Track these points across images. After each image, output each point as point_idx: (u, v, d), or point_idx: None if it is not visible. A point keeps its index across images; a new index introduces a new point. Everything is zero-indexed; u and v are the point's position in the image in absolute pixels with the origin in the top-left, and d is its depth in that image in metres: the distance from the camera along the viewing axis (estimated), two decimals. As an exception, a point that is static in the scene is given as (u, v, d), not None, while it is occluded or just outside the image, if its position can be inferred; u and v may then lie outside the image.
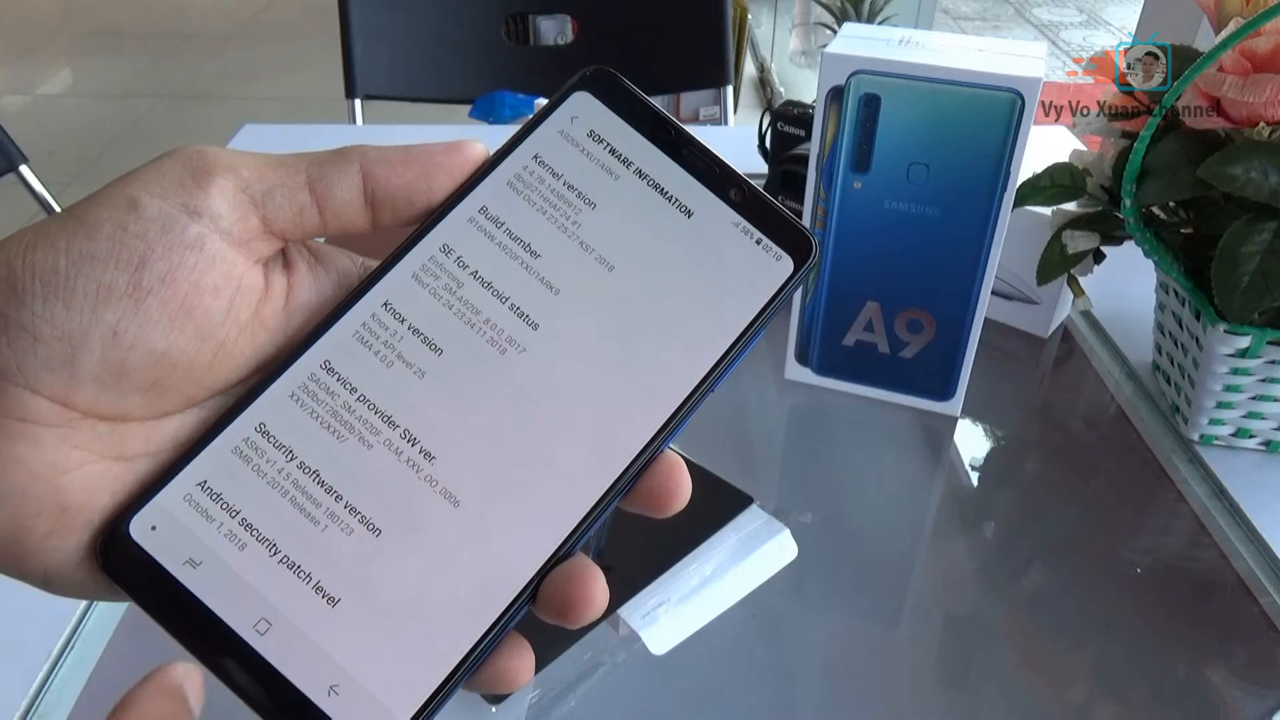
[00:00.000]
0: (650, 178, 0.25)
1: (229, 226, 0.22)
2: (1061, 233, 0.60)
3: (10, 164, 1.07)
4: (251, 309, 0.22)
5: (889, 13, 2.67)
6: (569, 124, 0.25)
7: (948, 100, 0.53)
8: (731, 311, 0.24)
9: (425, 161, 0.24)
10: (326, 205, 0.23)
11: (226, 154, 0.23)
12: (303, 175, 0.23)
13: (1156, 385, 0.65)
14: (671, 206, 0.25)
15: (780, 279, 0.25)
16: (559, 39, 1.73)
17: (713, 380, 0.24)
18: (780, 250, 0.25)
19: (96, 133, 2.73)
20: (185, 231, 0.21)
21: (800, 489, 0.60)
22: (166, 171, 0.22)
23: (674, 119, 0.25)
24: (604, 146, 0.25)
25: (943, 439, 0.63)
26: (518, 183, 0.25)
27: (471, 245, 0.24)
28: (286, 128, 0.98)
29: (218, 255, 0.21)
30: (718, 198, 0.25)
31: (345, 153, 0.23)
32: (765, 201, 0.25)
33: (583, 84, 0.25)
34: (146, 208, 0.21)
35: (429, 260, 0.24)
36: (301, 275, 0.24)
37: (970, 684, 0.49)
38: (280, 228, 0.23)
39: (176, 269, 0.21)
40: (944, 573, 0.55)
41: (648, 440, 0.23)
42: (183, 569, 0.21)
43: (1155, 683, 0.48)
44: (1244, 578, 0.52)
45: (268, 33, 3.53)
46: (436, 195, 0.24)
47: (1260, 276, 0.51)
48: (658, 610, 0.47)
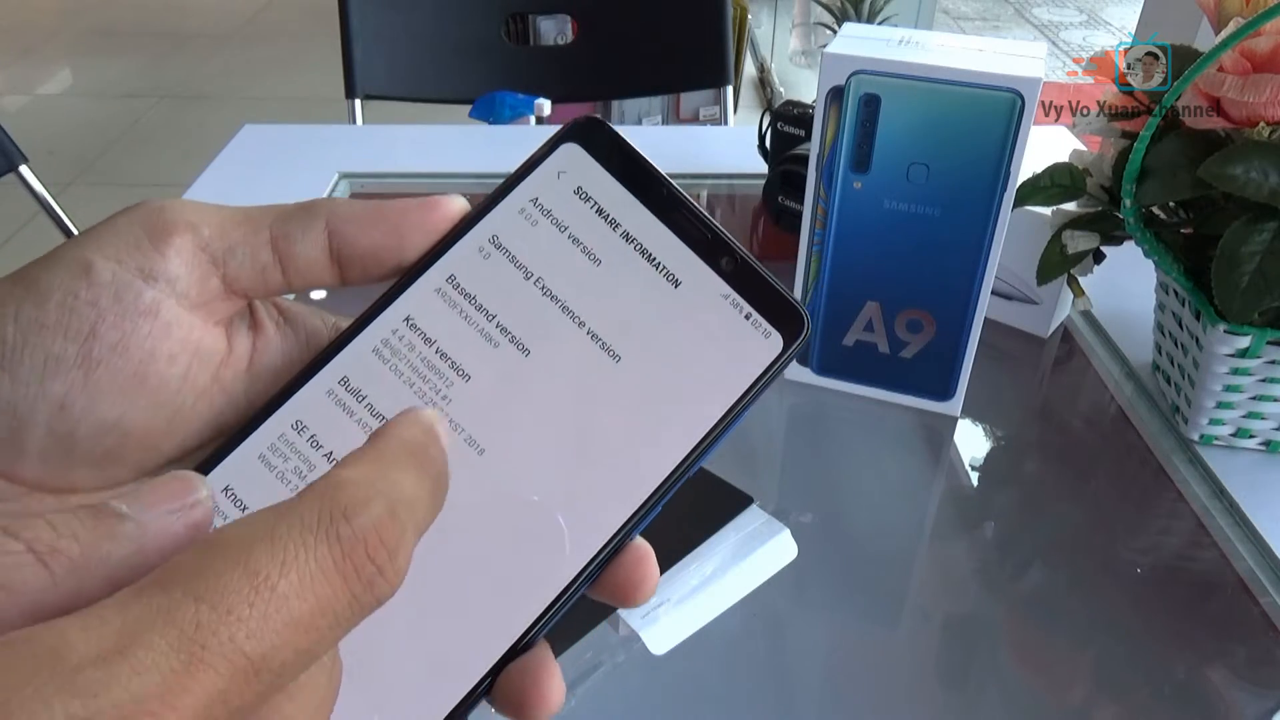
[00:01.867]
0: (638, 241, 0.24)
1: (186, 289, 0.21)
2: (1061, 233, 0.60)
3: (10, 164, 1.07)
4: (210, 373, 0.22)
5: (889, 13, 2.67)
6: (555, 179, 0.24)
7: (948, 100, 0.53)
8: (714, 392, 0.23)
9: (397, 219, 0.22)
10: (290, 264, 0.22)
11: (187, 210, 0.21)
12: (266, 232, 0.22)
13: (1156, 385, 0.65)
14: (658, 274, 0.23)
15: (768, 358, 0.23)
16: (559, 39, 1.73)
17: (689, 466, 0.23)
18: (770, 327, 0.23)
19: (96, 133, 2.73)
20: (139, 298, 0.20)
21: (800, 489, 0.60)
22: (123, 231, 0.21)
23: (666, 177, 0.24)
24: (590, 205, 0.24)
25: (943, 439, 0.63)
26: (497, 242, 0.23)
27: (439, 312, 0.23)
28: (286, 128, 0.98)
29: (174, 321, 0.21)
30: (708, 266, 0.23)
31: (312, 208, 0.22)
32: (758, 273, 0.23)
33: (572, 135, 0.24)
34: (100, 273, 0.20)
35: (394, 329, 0.23)
36: (268, 335, 0.23)
37: (970, 684, 0.49)
38: (243, 287, 0.22)
39: (129, 337, 0.20)
40: (944, 573, 0.55)
41: (615, 531, 0.22)
42: None
43: (1155, 683, 0.48)
44: (1244, 578, 0.52)
45: (268, 33, 3.53)
46: (409, 254, 0.23)
47: (1260, 276, 0.51)
48: (658, 610, 0.47)
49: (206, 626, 0.14)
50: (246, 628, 0.14)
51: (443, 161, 0.93)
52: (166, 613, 0.14)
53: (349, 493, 0.16)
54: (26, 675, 0.12)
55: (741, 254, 0.24)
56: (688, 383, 0.23)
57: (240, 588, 0.14)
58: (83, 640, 0.13)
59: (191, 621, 0.13)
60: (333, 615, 0.15)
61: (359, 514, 0.16)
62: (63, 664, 0.13)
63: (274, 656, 0.14)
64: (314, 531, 0.15)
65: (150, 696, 0.13)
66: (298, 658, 0.15)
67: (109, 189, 2.43)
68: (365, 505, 0.16)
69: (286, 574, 0.14)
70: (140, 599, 0.14)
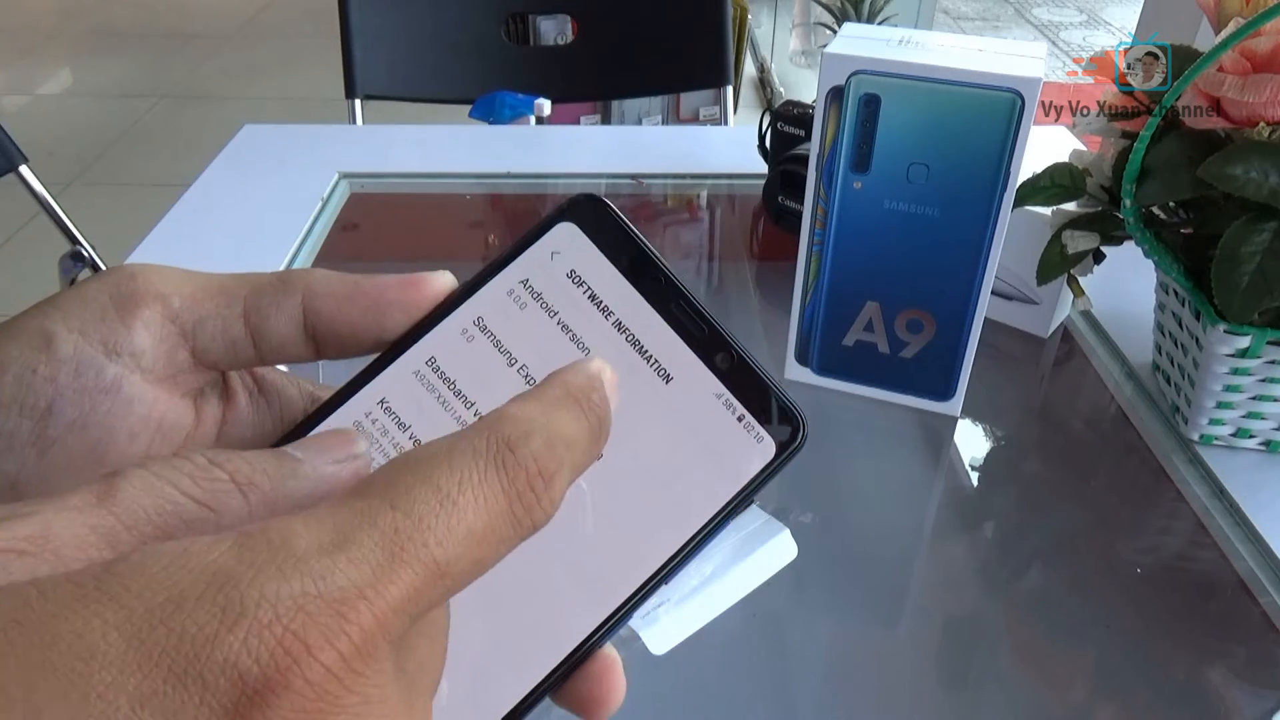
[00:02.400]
0: (630, 332, 0.22)
1: (152, 363, 0.20)
2: (1061, 233, 0.60)
3: (10, 164, 1.07)
4: (174, 447, 0.21)
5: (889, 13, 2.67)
6: (548, 260, 0.23)
7: (948, 100, 0.53)
8: (698, 499, 0.22)
9: (376, 297, 0.22)
10: (263, 339, 0.21)
11: (159, 278, 0.21)
12: (240, 305, 0.21)
13: (1156, 385, 0.65)
14: (650, 368, 0.22)
15: (758, 465, 0.22)
16: (559, 39, 1.73)
17: (665, 575, 0.22)
18: (763, 431, 0.22)
19: (96, 133, 2.73)
20: (101, 374, 0.20)
21: (800, 489, 0.60)
22: (90, 301, 0.20)
23: (665, 264, 0.23)
24: (583, 290, 0.23)
25: (943, 439, 0.63)
26: (482, 324, 0.22)
27: (416, 396, 0.22)
28: (286, 128, 0.98)
29: (136, 396, 0.20)
30: (703, 362, 0.22)
31: (289, 281, 0.21)
32: (755, 372, 0.22)
33: (569, 214, 0.23)
34: (60, 347, 0.19)
35: (367, 411, 0.22)
36: (239, 407, 0.22)
37: (970, 684, 0.49)
38: (213, 360, 0.21)
39: (87, 415, 0.20)
40: (944, 573, 0.55)
41: (581, 640, 0.21)
42: None
43: (1155, 683, 0.48)
44: (1244, 578, 0.52)
45: (268, 33, 3.53)
46: (388, 333, 0.22)
47: (1260, 276, 0.51)
48: (658, 610, 0.46)
49: (403, 531, 0.15)
50: (435, 535, 0.15)
51: (443, 161, 0.93)
52: (370, 516, 0.15)
53: (512, 425, 0.17)
54: (265, 558, 0.14)
55: (739, 351, 0.22)
56: (671, 487, 0.22)
57: (428, 499, 0.16)
58: (306, 534, 0.15)
59: (391, 525, 0.15)
60: (500, 532, 0.17)
61: (521, 445, 0.17)
62: (292, 552, 0.14)
63: (455, 563, 0.16)
64: (483, 456, 0.17)
65: (365, 584, 0.14)
66: (472, 567, 0.16)
67: (109, 189, 2.43)
68: (527, 438, 0.17)
69: (464, 491, 0.16)
70: (346, 504, 0.16)
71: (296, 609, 0.14)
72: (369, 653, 0.14)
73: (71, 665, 0.13)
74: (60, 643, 0.13)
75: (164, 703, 0.13)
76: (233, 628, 0.13)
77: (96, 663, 0.13)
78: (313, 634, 0.14)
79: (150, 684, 0.13)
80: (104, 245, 1.10)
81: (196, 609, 0.13)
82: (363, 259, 0.83)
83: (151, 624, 0.13)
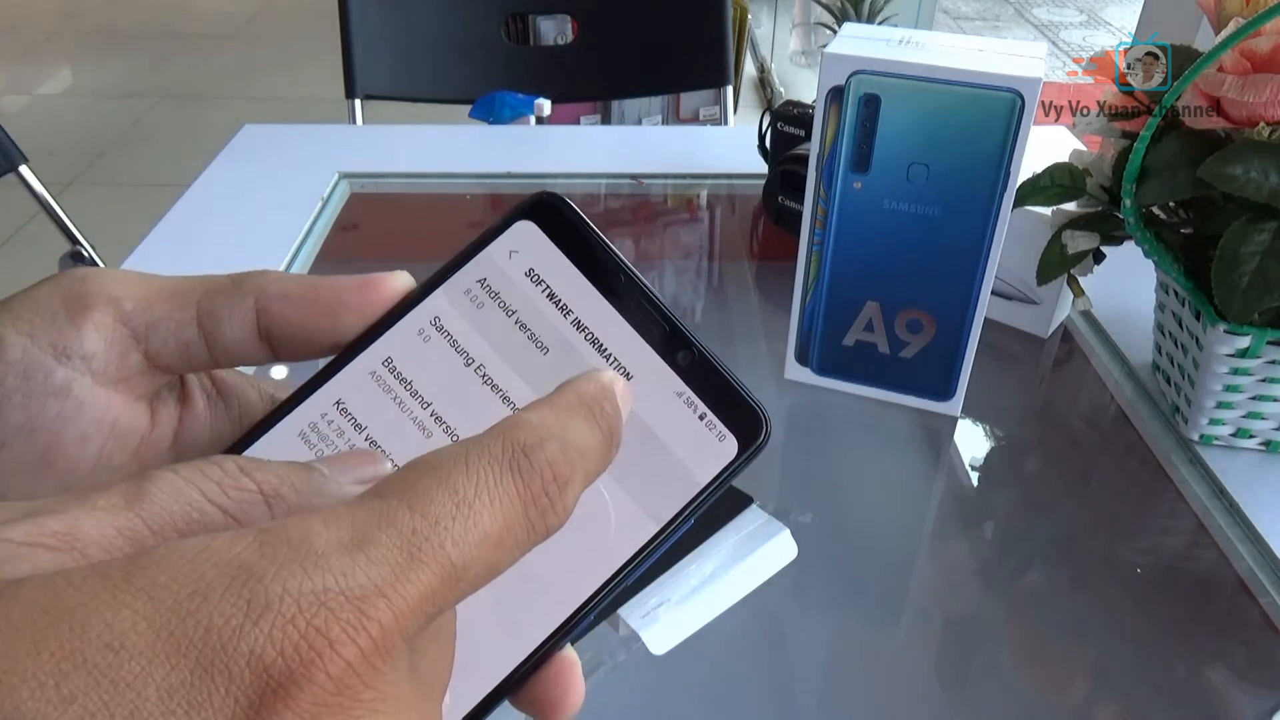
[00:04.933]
0: (589, 331, 0.22)
1: (103, 366, 0.20)
2: (1061, 233, 0.60)
3: (10, 164, 1.07)
4: (129, 451, 0.21)
5: (889, 13, 2.67)
6: (506, 259, 0.22)
7: (948, 100, 0.53)
8: (658, 499, 0.22)
9: (331, 299, 0.21)
10: (216, 342, 0.21)
11: (111, 281, 0.21)
12: (193, 308, 0.21)
13: (1156, 385, 0.65)
14: (609, 366, 0.22)
15: (720, 464, 0.22)
16: (559, 39, 1.73)
17: (625, 576, 0.21)
18: (725, 430, 0.22)
19: (96, 133, 2.73)
20: (50, 377, 0.20)
21: (800, 489, 0.60)
22: (40, 303, 0.20)
23: (626, 262, 0.23)
24: (542, 289, 0.22)
25: (943, 439, 0.63)
26: (439, 324, 0.22)
27: (372, 396, 0.22)
28: (286, 128, 0.98)
29: (87, 400, 0.20)
30: (664, 361, 0.22)
31: (242, 284, 0.21)
32: (717, 370, 0.22)
33: (528, 212, 0.23)
34: (9, 350, 0.19)
35: (323, 412, 0.22)
36: (196, 410, 0.22)
37: (970, 684, 0.49)
38: (166, 363, 0.21)
39: (36, 419, 0.19)
40: (944, 573, 0.55)
41: (538, 644, 0.21)
42: None
43: (1155, 683, 0.48)
44: (1244, 578, 0.52)
45: (268, 33, 3.53)
46: (343, 335, 0.22)
47: (1260, 276, 0.51)
48: (658, 610, 0.46)
49: (420, 532, 0.15)
50: (452, 537, 0.16)
51: (443, 161, 0.93)
52: (389, 516, 0.15)
53: (528, 431, 0.18)
54: (286, 555, 0.14)
55: (700, 348, 0.22)
56: (631, 486, 0.22)
57: (445, 502, 0.16)
58: (325, 532, 0.15)
59: (408, 526, 0.15)
60: (515, 537, 0.17)
61: (536, 451, 0.17)
62: (313, 549, 0.15)
63: (471, 566, 0.16)
64: (500, 461, 0.17)
65: (385, 583, 0.15)
66: (486, 571, 0.16)
67: (109, 189, 2.43)
68: (542, 444, 0.17)
69: (480, 495, 0.16)
70: (364, 505, 0.16)
71: (319, 604, 0.14)
72: (388, 650, 0.15)
73: (102, 656, 0.13)
74: (90, 633, 0.13)
75: (191, 693, 0.13)
76: (258, 621, 0.14)
77: (126, 653, 0.13)
78: (334, 629, 0.14)
79: (178, 675, 0.13)
80: (104, 245, 1.10)
81: (222, 602, 0.14)
82: (362, 259, 0.83)
83: (180, 616, 0.13)
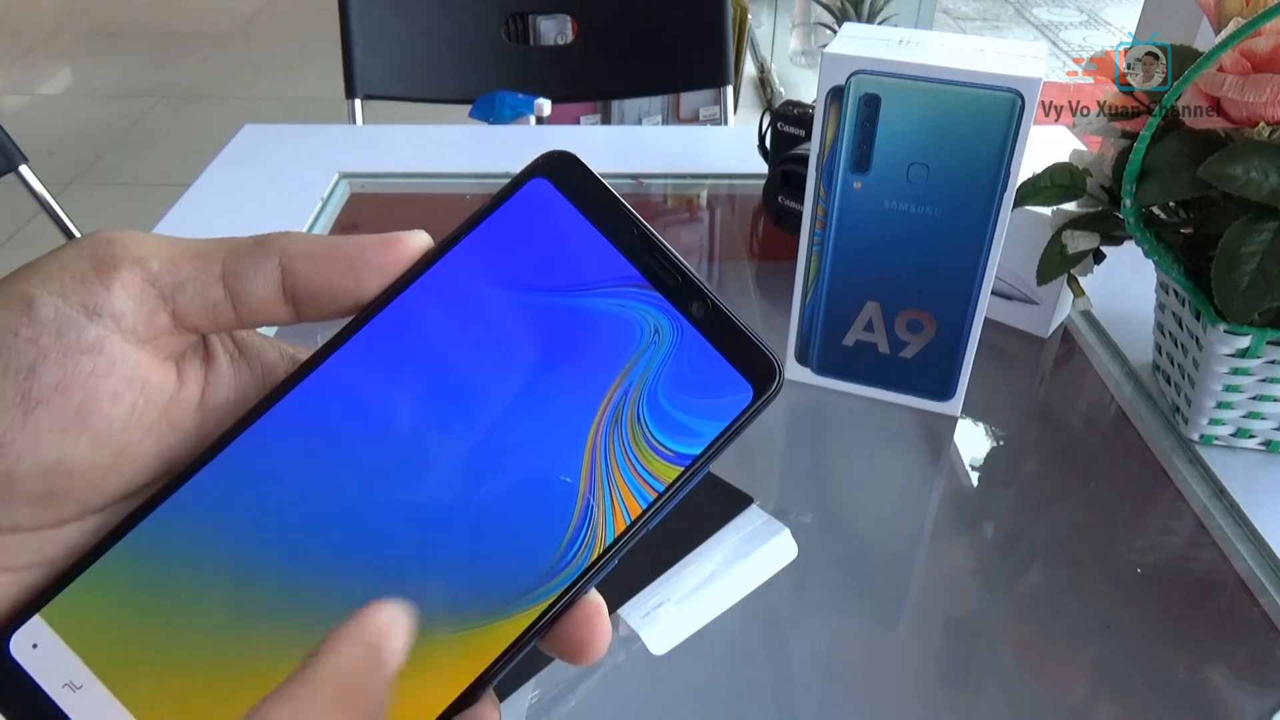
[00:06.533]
0: (606, 285, 0.23)
1: (132, 325, 0.20)
2: (1061, 233, 0.60)
3: (10, 164, 1.07)
4: (158, 410, 0.21)
5: (889, 13, 2.67)
6: (523, 216, 0.23)
7: (948, 100, 0.53)
8: (680, 442, 0.22)
9: (354, 257, 0.22)
10: (242, 301, 0.21)
11: (136, 242, 0.21)
12: (218, 268, 0.21)
13: (1156, 385, 0.65)
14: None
15: (735, 410, 0.23)
16: (559, 39, 1.73)
17: (647, 520, 0.22)
18: (740, 377, 0.23)
19: (96, 133, 2.73)
20: (82, 335, 0.20)
21: (800, 489, 0.60)
22: (68, 265, 0.20)
23: (639, 217, 0.23)
24: (558, 245, 0.23)
25: (943, 439, 0.63)
26: (458, 281, 0.23)
27: (395, 352, 0.22)
28: (286, 128, 0.98)
29: (119, 357, 0.20)
30: (679, 311, 0.23)
31: (266, 244, 0.22)
32: (730, 320, 0.23)
33: (542, 170, 0.23)
34: (41, 309, 0.20)
35: (346, 366, 0.22)
36: (221, 370, 0.23)
37: (970, 684, 0.49)
38: (193, 322, 0.21)
39: (70, 376, 0.20)
40: (944, 573, 0.55)
41: (568, 584, 0.22)
42: (61, 692, 0.20)
43: (1155, 683, 0.48)
44: (1244, 578, 0.52)
45: (268, 33, 3.53)
46: (365, 293, 0.22)
47: (1260, 276, 0.51)
48: (658, 610, 0.46)
49: None
50: None
51: (443, 161, 0.93)
52: None
53: None
54: None
55: (713, 299, 0.23)
56: (655, 429, 0.22)
57: None
58: None
59: None
60: None
61: None
62: None
63: None
64: None
65: None
66: None
67: (109, 189, 2.43)
68: None
69: None
70: None
71: None
72: None
73: None
74: None
75: None
76: None
77: None
78: None
79: None
80: (104, 245, 1.10)
81: None
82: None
83: None
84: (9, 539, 0.20)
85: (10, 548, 0.20)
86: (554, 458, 0.22)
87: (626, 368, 0.23)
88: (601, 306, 0.23)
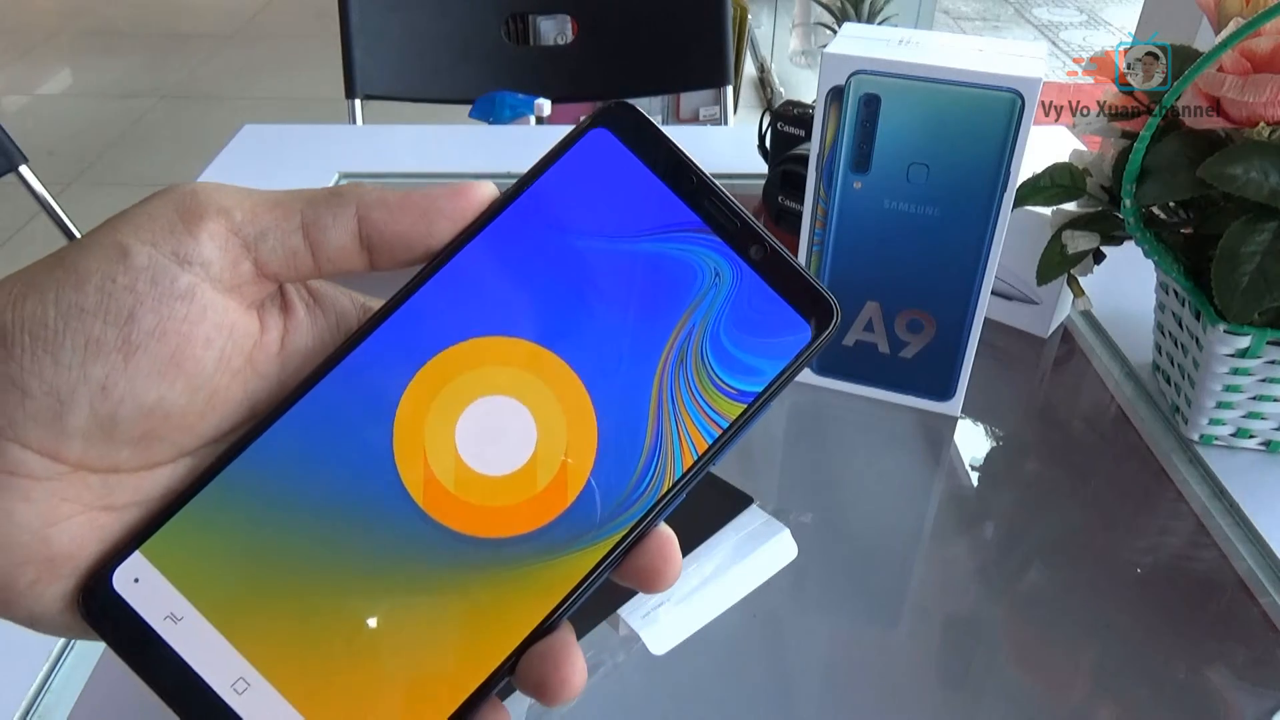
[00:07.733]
0: (668, 231, 0.24)
1: (220, 273, 0.21)
2: (1061, 233, 0.60)
3: (10, 164, 1.07)
4: (244, 356, 0.22)
5: (889, 13, 2.67)
6: (584, 166, 0.24)
7: (948, 100, 0.53)
8: (744, 381, 0.23)
9: (426, 206, 0.23)
10: (320, 249, 0.22)
11: (219, 194, 0.22)
12: (297, 217, 0.22)
13: (1156, 385, 0.65)
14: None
15: (797, 347, 0.23)
16: (559, 39, 1.73)
17: (713, 455, 0.23)
18: (798, 316, 0.23)
19: (96, 133, 2.73)
20: (175, 282, 0.21)
21: (800, 489, 0.60)
22: (157, 215, 0.21)
23: (696, 164, 0.24)
24: (619, 193, 0.24)
25: (943, 439, 0.63)
26: (525, 228, 0.23)
27: (471, 297, 0.23)
28: (286, 128, 0.98)
29: (209, 305, 0.21)
30: (738, 255, 0.24)
31: (342, 194, 0.23)
32: (787, 261, 0.24)
33: (602, 121, 0.24)
34: (136, 257, 0.20)
35: (421, 312, 0.23)
36: (298, 318, 0.23)
37: (970, 684, 0.49)
38: (274, 271, 0.22)
39: (166, 322, 0.21)
40: (944, 573, 0.55)
41: (643, 514, 0.23)
42: (163, 624, 0.21)
43: (1155, 683, 0.48)
44: (1244, 578, 0.52)
45: (268, 33, 3.53)
46: (437, 241, 0.23)
47: (1260, 276, 0.51)
48: (658, 610, 0.46)
49: None
50: None
51: (443, 161, 0.93)
52: None
53: None
54: None
55: (771, 243, 0.24)
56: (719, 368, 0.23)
57: None
58: None
59: None
60: None
61: None
62: None
63: None
64: None
65: None
66: None
67: (109, 189, 2.43)
68: None
69: None
70: None
71: None
72: None
73: None
74: None
75: None
76: None
77: None
78: None
79: None
80: (104, 245, 1.10)
81: None
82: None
83: None
84: (111, 479, 0.21)
85: (113, 487, 0.21)
86: (624, 396, 0.23)
87: (690, 310, 0.23)
88: (664, 251, 0.23)
